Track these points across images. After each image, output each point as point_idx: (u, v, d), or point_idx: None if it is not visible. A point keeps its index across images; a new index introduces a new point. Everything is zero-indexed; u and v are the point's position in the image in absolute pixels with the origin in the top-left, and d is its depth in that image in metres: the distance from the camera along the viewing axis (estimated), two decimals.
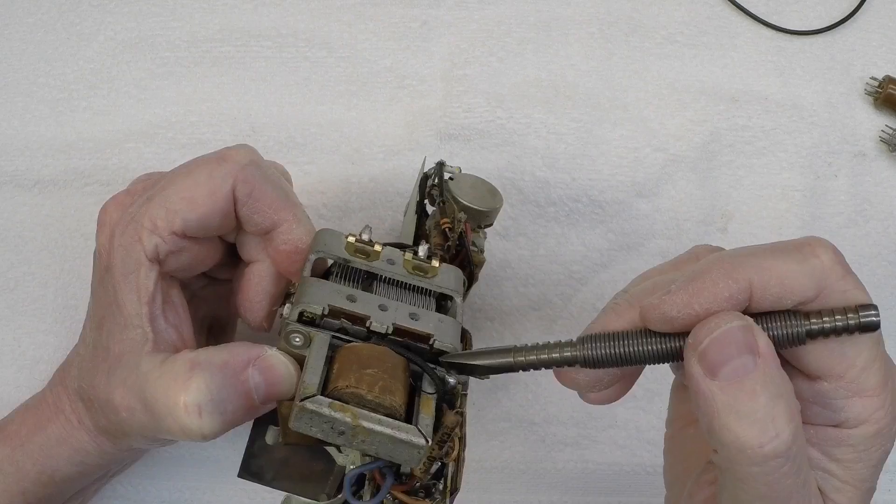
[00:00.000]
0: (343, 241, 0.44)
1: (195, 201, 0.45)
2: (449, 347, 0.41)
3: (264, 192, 0.46)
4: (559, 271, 0.60)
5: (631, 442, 0.62)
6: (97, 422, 0.46)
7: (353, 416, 0.37)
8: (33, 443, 0.48)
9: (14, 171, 0.58)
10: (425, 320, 0.42)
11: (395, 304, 0.42)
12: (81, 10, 0.59)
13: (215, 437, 0.42)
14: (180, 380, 0.41)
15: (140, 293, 0.44)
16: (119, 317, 0.44)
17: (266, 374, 0.41)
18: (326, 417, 0.37)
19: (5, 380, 0.58)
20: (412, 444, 0.37)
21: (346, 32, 0.60)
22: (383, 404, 0.38)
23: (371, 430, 0.37)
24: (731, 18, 0.62)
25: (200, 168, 0.46)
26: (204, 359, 0.42)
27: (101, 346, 0.45)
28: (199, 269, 0.49)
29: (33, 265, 0.58)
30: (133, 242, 0.45)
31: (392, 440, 0.37)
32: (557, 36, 0.60)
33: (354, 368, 0.38)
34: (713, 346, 0.33)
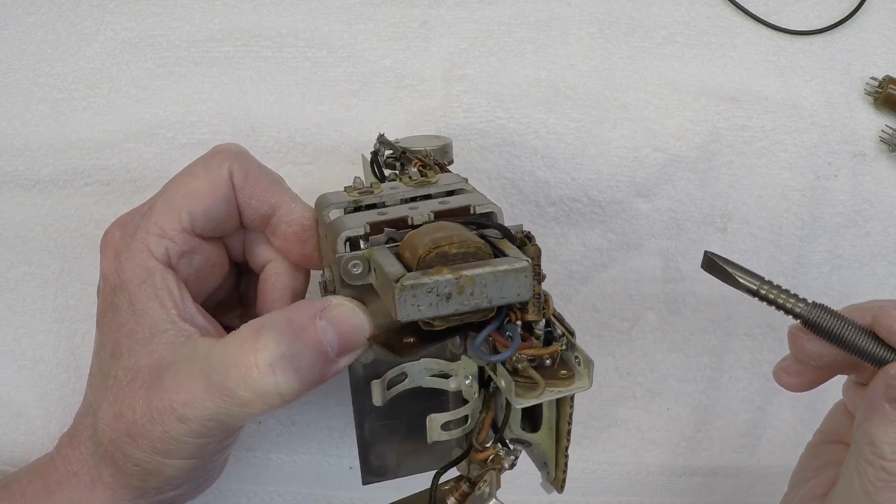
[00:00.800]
0: (343, 193, 0.45)
1: (197, 193, 0.45)
2: (492, 207, 0.42)
3: (259, 176, 0.46)
4: (559, 271, 0.60)
5: (632, 441, 0.62)
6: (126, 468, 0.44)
7: (452, 271, 0.37)
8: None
9: (14, 171, 0.58)
10: (455, 201, 0.43)
11: (420, 203, 0.43)
12: (81, 10, 0.59)
13: (294, 397, 0.40)
14: (248, 343, 0.40)
15: (161, 298, 0.43)
16: (142, 330, 0.43)
17: (335, 323, 0.41)
18: (428, 285, 0.36)
19: (5, 380, 0.58)
20: (517, 269, 0.37)
21: (346, 32, 0.60)
22: (469, 251, 0.38)
23: (474, 276, 0.37)
24: (731, 18, 0.62)
25: (195, 165, 0.47)
26: (268, 320, 0.41)
27: (125, 369, 0.43)
28: (209, 283, 0.48)
29: (33, 265, 0.58)
30: (141, 252, 0.44)
31: (497, 275, 0.37)
32: (557, 36, 0.60)
33: (425, 239, 0.38)
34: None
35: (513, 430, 0.45)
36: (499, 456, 0.43)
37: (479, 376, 0.45)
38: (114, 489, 0.44)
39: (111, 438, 0.43)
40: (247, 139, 0.58)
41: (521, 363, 0.39)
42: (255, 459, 0.61)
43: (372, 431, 0.47)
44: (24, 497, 0.46)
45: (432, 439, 0.46)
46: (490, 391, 0.44)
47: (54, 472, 0.46)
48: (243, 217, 0.47)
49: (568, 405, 0.41)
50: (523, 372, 0.39)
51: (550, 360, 0.40)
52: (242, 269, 0.51)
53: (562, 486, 0.44)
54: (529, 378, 0.39)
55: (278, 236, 0.47)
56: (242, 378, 0.40)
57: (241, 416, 0.41)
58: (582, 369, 0.40)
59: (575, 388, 0.40)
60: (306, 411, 0.61)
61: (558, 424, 0.42)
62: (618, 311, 0.61)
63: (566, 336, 0.41)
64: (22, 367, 0.58)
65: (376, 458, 0.48)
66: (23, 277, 0.58)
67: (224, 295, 0.51)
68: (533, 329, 0.40)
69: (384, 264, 0.38)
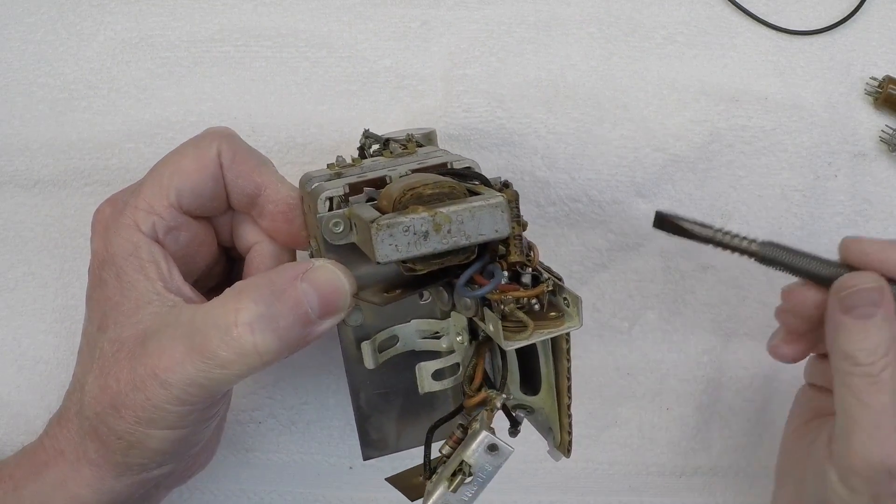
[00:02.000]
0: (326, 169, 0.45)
1: (185, 170, 0.46)
2: (468, 162, 0.43)
3: (246, 156, 0.47)
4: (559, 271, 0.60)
5: (632, 441, 0.62)
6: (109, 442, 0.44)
7: (427, 210, 0.37)
8: (28, 488, 0.46)
9: (14, 171, 0.58)
10: (434, 158, 0.43)
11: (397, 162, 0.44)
12: (81, 10, 0.59)
13: (274, 357, 0.41)
14: (229, 304, 0.41)
15: (147, 270, 0.44)
16: (128, 302, 0.44)
17: (317, 284, 0.41)
18: (404, 223, 0.36)
19: (5, 380, 0.58)
20: (492, 204, 0.37)
21: (346, 32, 0.60)
22: (444, 191, 0.38)
23: (450, 213, 0.37)
24: (731, 18, 0.62)
25: (185, 144, 0.47)
26: (250, 282, 0.42)
27: (110, 340, 0.44)
28: (197, 262, 0.49)
29: (33, 265, 0.58)
30: (129, 227, 0.45)
31: (472, 210, 0.37)
32: (557, 36, 0.60)
33: (400, 186, 0.39)
34: (853, 294, 0.46)
35: (513, 394, 0.45)
36: (490, 397, 0.43)
37: (470, 330, 0.45)
38: (98, 465, 0.45)
39: (96, 411, 0.44)
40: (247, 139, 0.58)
41: (507, 306, 0.39)
42: (255, 459, 0.61)
43: (368, 401, 0.47)
44: (12, 479, 0.46)
45: (423, 390, 0.46)
46: (481, 339, 0.44)
47: (42, 452, 0.46)
48: (230, 197, 0.47)
49: (565, 359, 0.42)
50: (511, 315, 0.39)
51: (538, 303, 0.40)
52: (234, 255, 0.52)
53: (568, 450, 0.44)
54: (518, 321, 0.39)
55: (265, 216, 0.47)
56: (222, 338, 0.40)
57: (223, 378, 0.41)
58: (571, 309, 0.40)
59: (566, 327, 0.40)
60: (306, 411, 0.61)
61: (558, 382, 0.43)
62: (618, 311, 0.61)
63: (552, 279, 0.40)
64: (22, 367, 0.58)
65: (375, 431, 0.48)
66: (23, 277, 0.58)
67: (215, 282, 0.52)
68: (520, 276, 0.40)
69: (362, 213, 0.39)
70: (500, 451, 0.41)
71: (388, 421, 0.48)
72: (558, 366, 0.42)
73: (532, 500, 0.62)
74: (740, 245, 0.48)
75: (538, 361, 0.43)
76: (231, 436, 0.60)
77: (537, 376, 0.44)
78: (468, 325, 0.45)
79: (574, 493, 0.62)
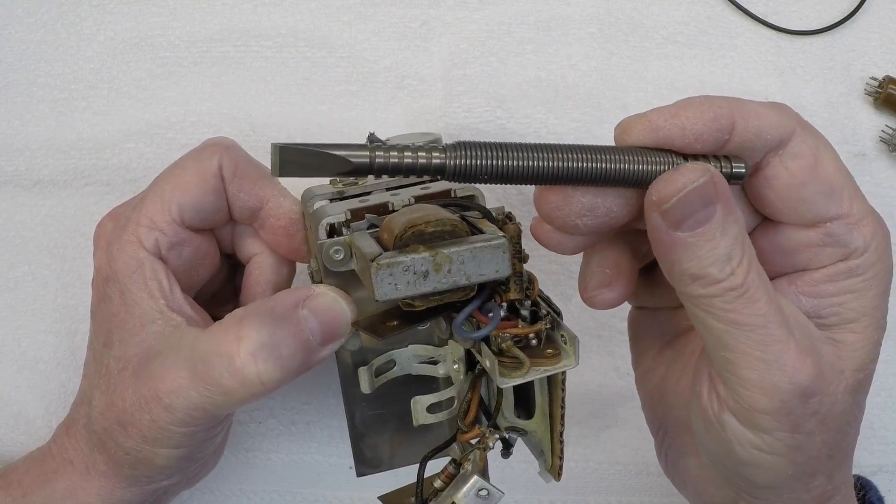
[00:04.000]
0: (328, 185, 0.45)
1: (186, 185, 0.45)
2: (471, 190, 0.42)
3: (248, 168, 0.47)
4: (559, 271, 0.60)
5: (632, 441, 0.62)
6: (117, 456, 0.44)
7: (428, 249, 0.36)
8: (37, 495, 0.46)
9: (14, 171, 0.58)
10: (436, 186, 0.43)
11: (402, 190, 0.43)
12: (81, 10, 0.59)
13: (276, 385, 0.41)
14: (231, 332, 0.40)
15: (150, 288, 0.44)
16: (132, 319, 0.44)
17: (318, 311, 0.41)
18: (405, 263, 0.36)
19: (5, 380, 0.58)
20: (493, 245, 0.37)
21: (346, 32, 0.60)
22: (445, 229, 0.37)
23: (451, 253, 0.36)
24: (731, 18, 0.62)
25: (185, 157, 0.47)
26: (251, 309, 0.41)
27: (116, 358, 0.44)
28: (201, 275, 0.48)
29: (33, 265, 0.58)
30: (131, 243, 0.45)
31: (473, 251, 0.37)
32: (557, 36, 0.60)
33: (401, 220, 0.38)
34: (679, 204, 0.36)
35: (507, 417, 0.45)
36: (484, 436, 0.43)
37: (467, 360, 0.45)
38: (107, 477, 0.45)
39: (104, 427, 0.44)
40: (247, 139, 0.58)
41: (504, 342, 0.39)
42: (255, 459, 0.61)
43: (363, 421, 0.47)
44: (21, 485, 0.46)
45: (418, 422, 0.46)
46: (476, 373, 0.44)
47: (50, 460, 0.47)
48: (232, 209, 0.47)
49: (560, 388, 0.41)
50: (508, 352, 0.39)
51: (536, 339, 0.40)
52: (236, 262, 0.52)
53: (559, 474, 0.44)
54: (514, 357, 0.39)
55: (266, 229, 0.47)
56: (225, 367, 0.40)
57: (225, 404, 0.41)
58: (568, 347, 0.40)
59: (562, 366, 0.39)
60: (306, 412, 0.61)
61: (552, 409, 0.42)
62: (617, 311, 0.61)
63: (551, 315, 0.40)
64: (22, 367, 0.58)
65: (369, 450, 0.48)
66: (23, 277, 0.58)
67: (217, 287, 0.52)
68: (518, 310, 0.40)
69: (362, 246, 0.38)
70: (490, 496, 0.42)
71: (383, 440, 0.48)
72: (553, 396, 0.42)
73: (532, 499, 0.62)
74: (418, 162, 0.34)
75: (533, 388, 0.43)
76: (231, 436, 0.60)
77: (532, 401, 0.44)
78: (465, 355, 0.45)
79: (574, 493, 0.62)
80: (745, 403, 0.37)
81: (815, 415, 0.37)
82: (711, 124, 0.37)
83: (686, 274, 0.37)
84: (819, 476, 0.40)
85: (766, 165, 0.39)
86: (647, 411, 0.47)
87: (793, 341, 0.37)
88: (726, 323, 0.36)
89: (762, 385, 0.36)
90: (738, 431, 0.38)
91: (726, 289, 0.36)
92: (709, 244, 0.36)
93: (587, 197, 0.37)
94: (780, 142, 0.38)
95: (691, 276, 0.37)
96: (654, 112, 0.38)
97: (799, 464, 0.38)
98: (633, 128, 0.38)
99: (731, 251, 0.36)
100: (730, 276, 0.36)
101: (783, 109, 0.39)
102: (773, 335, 0.36)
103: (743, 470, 0.39)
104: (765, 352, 0.36)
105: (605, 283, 0.42)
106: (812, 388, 0.37)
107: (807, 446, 0.38)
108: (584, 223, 0.38)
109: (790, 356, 0.36)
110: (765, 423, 0.37)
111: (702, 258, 0.36)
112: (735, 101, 0.38)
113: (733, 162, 0.38)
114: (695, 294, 0.37)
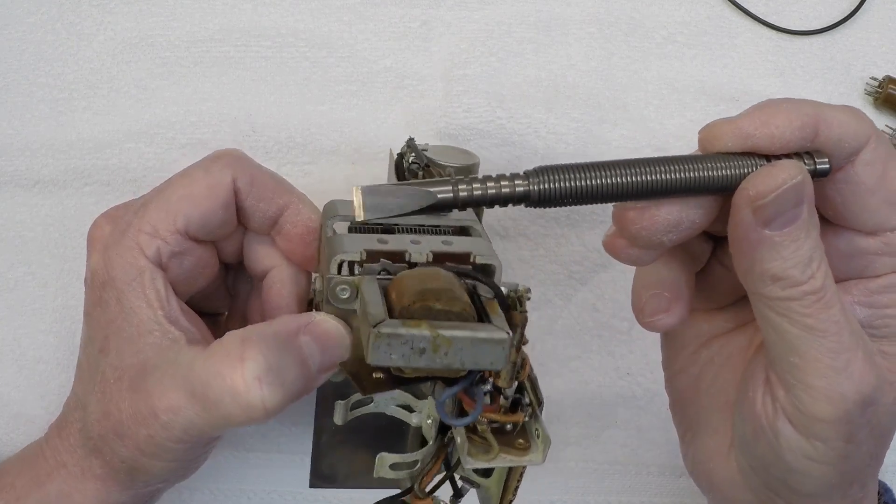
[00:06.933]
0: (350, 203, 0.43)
1: (196, 197, 0.45)
2: (492, 260, 0.41)
3: (264, 178, 0.46)
4: (559, 271, 0.60)
5: (632, 441, 0.62)
6: (113, 463, 0.44)
7: (431, 328, 0.36)
8: (31, 498, 0.45)
9: (14, 171, 0.58)
10: (458, 244, 0.41)
11: (424, 237, 0.42)
12: (81, 10, 0.59)
13: (277, 412, 0.40)
14: (234, 355, 0.39)
15: (149, 298, 0.43)
16: (129, 328, 0.43)
17: (318, 338, 0.40)
18: (404, 337, 0.35)
19: (5, 380, 0.58)
20: (495, 340, 0.36)
21: (346, 32, 0.60)
22: (454, 310, 0.37)
23: (452, 338, 0.35)
24: (731, 18, 0.62)
25: (194, 168, 0.46)
26: (254, 332, 0.40)
27: (112, 366, 0.43)
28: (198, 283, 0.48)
29: (33, 265, 0.58)
30: (131, 249, 0.44)
31: (474, 342, 0.36)
32: (557, 36, 0.60)
33: (414, 287, 0.37)
34: (775, 201, 0.35)
35: (465, 470, 0.44)
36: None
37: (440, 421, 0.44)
38: (103, 480, 0.45)
39: (100, 434, 0.43)
40: (247, 139, 0.58)
41: (480, 424, 0.39)
42: (255, 459, 0.61)
43: (328, 443, 0.48)
44: (14, 488, 0.46)
45: (378, 475, 0.45)
46: (445, 441, 0.44)
47: (44, 462, 0.46)
48: (250, 221, 0.47)
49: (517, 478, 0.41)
50: (482, 433, 0.39)
51: (511, 426, 0.40)
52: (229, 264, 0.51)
53: None
54: (485, 440, 0.39)
55: (283, 236, 0.47)
56: (227, 390, 0.39)
57: (224, 426, 0.41)
58: (539, 443, 0.39)
59: (527, 460, 0.39)
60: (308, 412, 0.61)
61: (508, 479, 0.42)
62: (618, 311, 0.61)
63: (533, 406, 0.40)
64: (22, 367, 0.58)
65: (327, 468, 0.48)
66: (23, 277, 0.58)
67: (212, 289, 0.51)
68: (502, 391, 0.39)
69: (368, 301, 0.38)
70: None
71: (342, 462, 0.48)
72: (509, 480, 0.42)
73: (532, 499, 0.62)
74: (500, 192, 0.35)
75: None
76: (231, 436, 0.60)
77: None
78: None
79: (574, 493, 0.62)
80: (807, 411, 0.37)
81: (867, 424, 0.37)
82: (799, 132, 0.37)
83: (767, 274, 0.36)
84: (856, 484, 0.40)
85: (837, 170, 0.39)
86: (677, 412, 0.47)
87: (860, 350, 0.36)
88: (801, 328, 0.36)
89: (829, 393, 0.36)
90: (791, 439, 0.38)
91: (805, 292, 0.36)
92: (793, 245, 0.36)
93: (672, 212, 0.37)
94: (857, 149, 0.38)
95: (772, 277, 0.36)
96: (744, 119, 0.37)
97: (844, 473, 0.38)
98: (722, 135, 0.38)
99: (813, 254, 0.36)
100: (810, 279, 0.36)
101: (861, 117, 0.38)
102: (844, 343, 0.36)
103: (788, 477, 0.39)
104: (835, 359, 0.36)
105: (664, 308, 0.41)
106: (872, 398, 0.37)
107: (855, 456, 0.38)
108: (668, 238, 0.38)
109: (857, 365, 0.36)
110: (823, 433, 0.37)
111: (785, 259, 0.36)
112: (818, 107, 0.38)
113: (816, 158, 0.38)
114: (773, 296, 0.36)
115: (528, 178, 0.35)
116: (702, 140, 0.38)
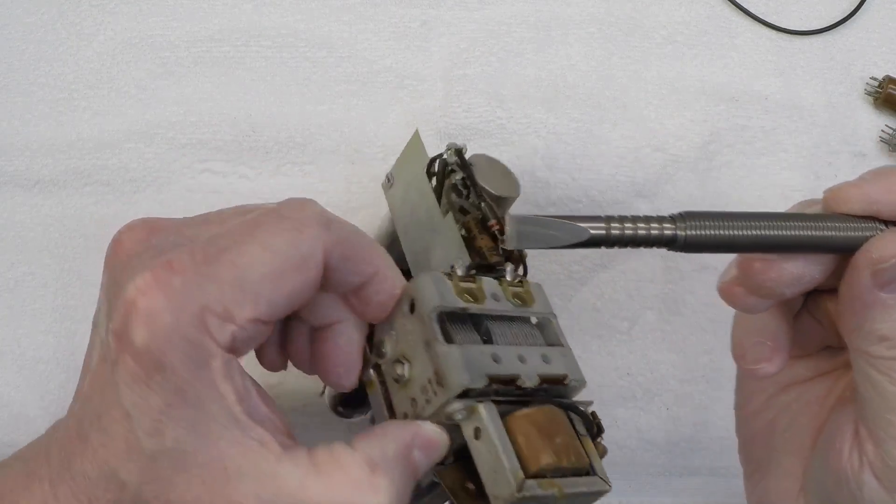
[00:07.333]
0: (450, 286, 0.41)
1: (282, 277, 0.37)
2: (583, 384, 0.43)
3: (355, 246, 0.40)
4: (559, 271, 0.60)
5: (631, 442, 0.62)
6: None
7: (559, 489, 0.38)
8: None
9: (14, 171, 0.58)
10: (556, 361, 0.43)
11: (526, 350, 0.42)
12: (81, 10, 0.59)
13: None
14: (365, 484, 0.36)
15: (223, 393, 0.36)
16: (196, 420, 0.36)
17: (426, 450, 0.39)
18: (539, 498, 0.38)
19: (5, 380, 0.58)
20: (600, 492, 0.40)
21: (346, 32, 0.60)
22: (577, 467, 0.40)
23: (571, 494, 0.39)
24: (731, 18, 0.62)
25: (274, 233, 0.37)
26: (378, 455, 0.37)
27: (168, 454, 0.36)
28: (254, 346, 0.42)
29: (33, 265, 0.58)
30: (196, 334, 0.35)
31: (586, 496, 0.40)
32: (557, 36, 0.60)
33: (545, 441, 0.39)
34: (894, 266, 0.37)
35: None
36: None
37: None
38: None
39: None
40: (247, 139, 0.58)
41: None
42: None
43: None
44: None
45: None
46: None
47: None
48: (332, 286, 0.41)
49: None
50: None
51: None
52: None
53: None
54: None
55: (360, 298, 0.41)
56: None
57: None
58: None
59: None
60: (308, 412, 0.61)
61: None
62: (618, 311, 0.61)
63: None
64: (22, 367, 0.58)
65: None
66: (23, 277, 0.58)
67: None
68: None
69: (500, 450, 0.38)
70: None
71: None
72: None
73: None
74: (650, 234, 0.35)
75: None
76: None
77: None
78: None
79: None
80: None
81: None
82: None
83: (876, 334, 0.38)
84: None
85: None
86: (747, 451, 0.48)
87: None
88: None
89: None
90: (875, 492, 0.40)
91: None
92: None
93: (798, 266, 0.39)
94: None
95: (880, 337, 0.38)
96: (870, 185, 0.39)
97: None
98: (850, 199, 0.39)
99: None
100: None
101: None
102: None
103: None
104: None
105: (766, 357, 0.42)
106: None
107: None
108: (790, 291, 0.39)
109: None
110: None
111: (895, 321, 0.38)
112: None
113: None
114: (878, 355, 0.38)
115: (675, 222, 0.36)
116: (828, 199, 0.40)
